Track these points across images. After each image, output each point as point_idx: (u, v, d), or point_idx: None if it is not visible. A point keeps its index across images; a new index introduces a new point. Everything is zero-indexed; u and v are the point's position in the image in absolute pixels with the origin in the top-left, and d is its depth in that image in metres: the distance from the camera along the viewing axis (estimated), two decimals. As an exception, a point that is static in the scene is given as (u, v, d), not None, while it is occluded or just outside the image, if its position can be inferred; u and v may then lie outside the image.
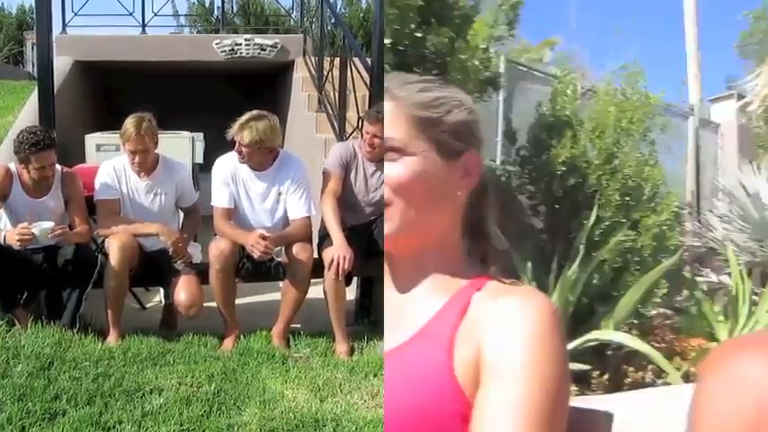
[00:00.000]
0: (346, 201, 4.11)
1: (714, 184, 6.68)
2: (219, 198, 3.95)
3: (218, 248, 3.82)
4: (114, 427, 2.76)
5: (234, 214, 3.99)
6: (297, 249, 3.82)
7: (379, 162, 4.13)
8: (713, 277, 4.30)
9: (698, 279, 4.28)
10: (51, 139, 3.83)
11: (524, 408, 0.86)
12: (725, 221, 4.72)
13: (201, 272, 3.95)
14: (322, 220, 4.02)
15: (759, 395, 0.78)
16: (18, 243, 3.61)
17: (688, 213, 5.74)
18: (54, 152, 3.84)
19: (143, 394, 3.04)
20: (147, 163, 3.98)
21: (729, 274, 4.00)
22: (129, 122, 3.88)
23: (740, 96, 10.35)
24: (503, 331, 0.91)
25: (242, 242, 3.81)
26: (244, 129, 3.79)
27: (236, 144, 3.85)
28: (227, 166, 3.97)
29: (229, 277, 3.89)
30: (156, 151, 4.03)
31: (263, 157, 3.90)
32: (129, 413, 2.84)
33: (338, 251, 3.77)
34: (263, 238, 3.74)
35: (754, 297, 3.64)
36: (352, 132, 5.50)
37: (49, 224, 3.72)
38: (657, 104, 5.33)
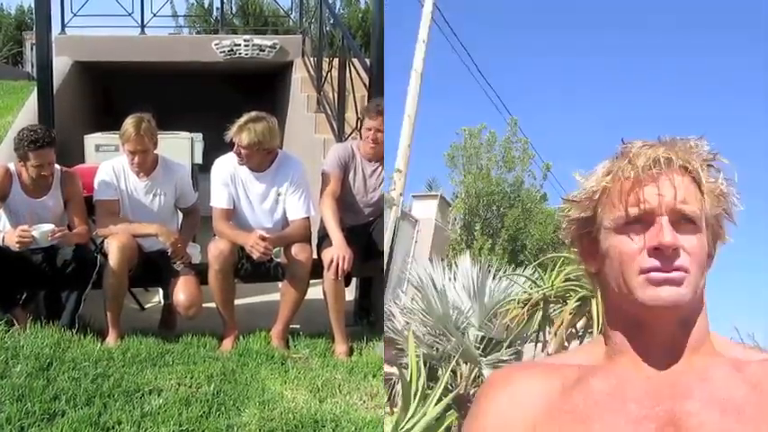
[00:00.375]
0: (345, 201, 4.11)
1: (401, 276, 6.76)
2: (218, 199, 3.96)
3: (217, 249, 3.82)
4: (113, 427, 2.76)
5: (233, 215, 3.99)
6: (296, 250, 3.82)
7: (377, 161, 4.13)
8: (386, 368, 4.31)
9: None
10: (51, 137, 3.83)
11: None
12: (406, 313, 4.80)
13: (201, 272, 3.95)
14: (321, 221, 4.03)
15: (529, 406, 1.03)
16: (17, 245, 3.61)
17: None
18: (53, 151, 3.84)
19: (142, 395, 3.04)
20: (147, 163, 3.98)
21: (405, 365, 4.02)
22: (129, 123, 3.88)
23: (442, 199, 11.14)
24: None
25: (241, 243, 3.81)
26: (242, 131, 3.79)
27: (235, 146, 3.85)
28: (226, 166, 3.97)
29: (228, 278, 3.89)
30: (155, 152, 4.03)
31: (262, 158, 3.91)
32: (129, 414, 2.84)
33: (337, 251, 3.78)
34: (263, 239, 3.74)
35: (428, 391, 3.71)
36: (351, 133, 5.50)
37: (48, 226, 3.71)
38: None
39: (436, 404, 3.28)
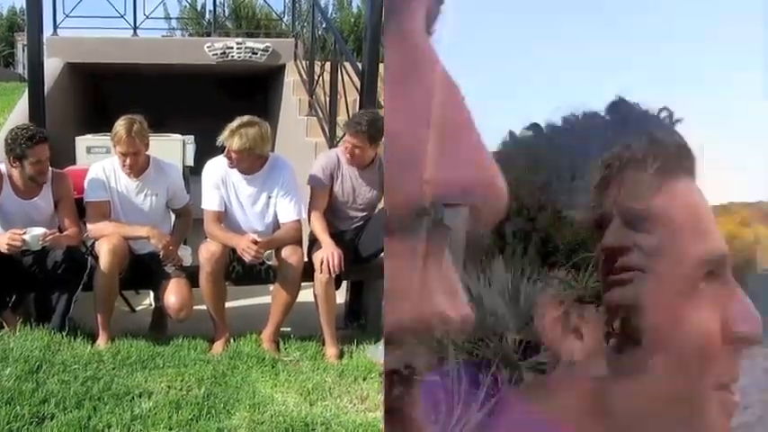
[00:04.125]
0: (333, 208, 4.12)
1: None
2: (210, 201, 3.95)
3: (208, 251, 3.81)
4: (103, 430, 2.75)
5: (224, 217, 3.99)
6: (287, 252, 3.83)
7: (363, 168, 4.13)
8: (428, 376, 4.37)
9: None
10: (44, 133, 3.85)
11: None
12: (444, 321, 4.84)
13: (192, 275, 3.95)
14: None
15: None
16: (7, 248, 3.60)
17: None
18: (48, 146, 3.84)
19: (132, 398, 3.03)
20: (138, 165, 3.97)
21: (446, 372, 4.10)
22: (120, 125, 3.87)
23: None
24: None
25: (233, 245, 3.81)
26: (234, 135, 3.78)
27: (226, 149, 3.85)
28: (218, 169, 3.97)
29: (220, 280, 3.89)
30: (146, 153, 4.03)
31: (252, 162, 3.91)
32: (119, 417, 2.83)
33: (327, 250, 3.79)
34: (255, 242, 3.74)
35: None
36: (343, 136, 5.50)
37: (40, 230, 3.70)
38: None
39: (479, 410, 3.30)
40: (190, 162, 5.98)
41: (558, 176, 1.09)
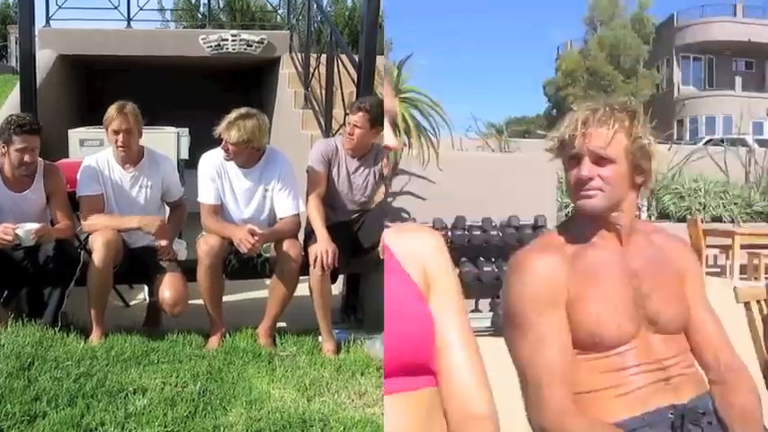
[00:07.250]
0: (329, 198, 4.08)
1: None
2: (206, 195, 3.91)
3: (207, 244, 3.77)
4: (96, 428, 2.69)
5: (220, 210, 3.94)
6: (286, 246, 3.79)
7: (360, 158, 4.09)
8: None
9: None
10: (38, 125, 3.81)
11: None
12: None
13: (187, 269, 3.90)
14: (308, 218, 4.00)
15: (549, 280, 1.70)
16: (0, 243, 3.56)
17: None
18: (39, 138, 3.79)
19: (126, 395, 2.98)
20: (132, 146, 3.90)
21: None
22: (112, 107, 3.86)
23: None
24: None
25: (229, 236, 3.77)
26: (232, 127, 3.73)
27: (224, 141, 3.80)
28: (213, 161, 3.92)
29: (218, 274, 3.84)
30: (140, 143, 3.97)
31: (250, 155, 3.86)
32: (112, 414, 2.78)
33: (321, 246, 3.75)
34: (253, 233, 3.70)
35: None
36: (339, 129, 5.46)
37: (33, 225, 3.66)
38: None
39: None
40: (184, 155, 5.93)
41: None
